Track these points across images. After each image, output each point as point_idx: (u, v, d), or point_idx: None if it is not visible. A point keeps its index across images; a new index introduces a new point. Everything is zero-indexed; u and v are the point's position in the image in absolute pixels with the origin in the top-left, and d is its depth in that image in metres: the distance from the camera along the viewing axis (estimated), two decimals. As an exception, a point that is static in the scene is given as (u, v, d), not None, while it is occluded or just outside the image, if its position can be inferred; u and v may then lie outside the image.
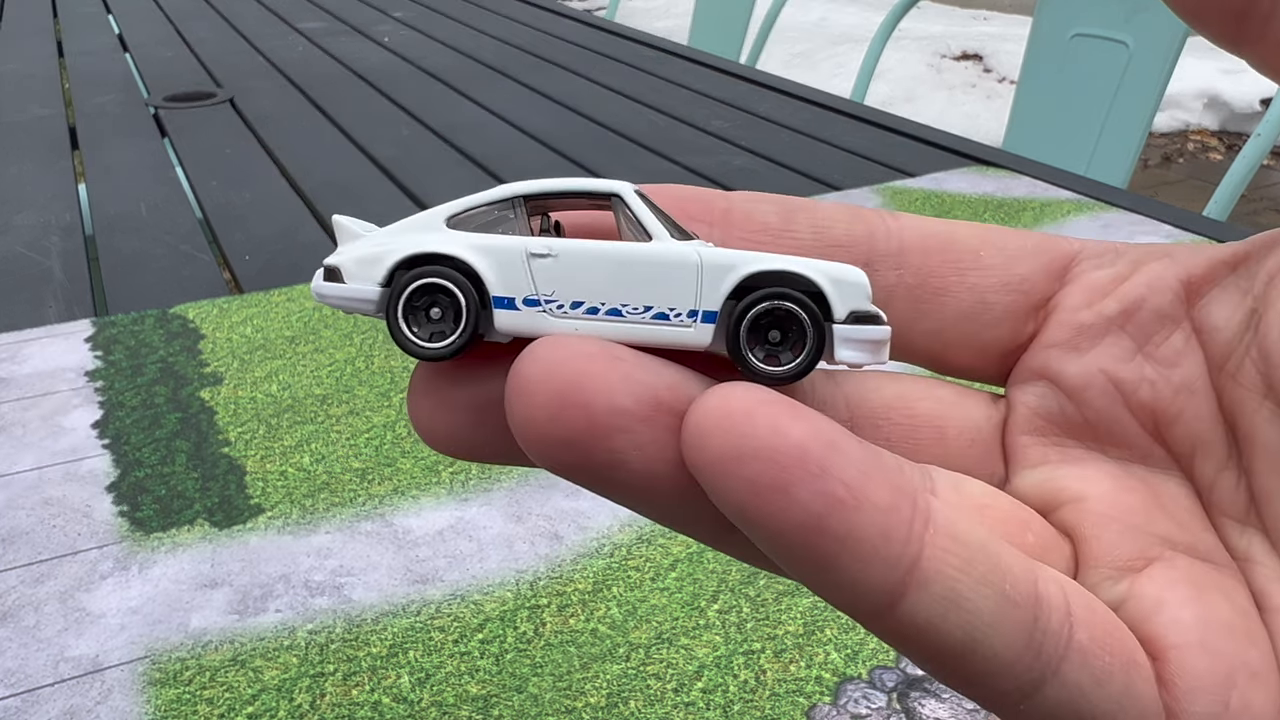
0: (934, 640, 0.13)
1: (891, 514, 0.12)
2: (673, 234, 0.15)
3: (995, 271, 0.17)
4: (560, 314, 0.14)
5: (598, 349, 0.13)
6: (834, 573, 0.12)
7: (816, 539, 0.12)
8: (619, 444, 0.13)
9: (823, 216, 0.17)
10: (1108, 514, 0.15)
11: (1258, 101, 3.14)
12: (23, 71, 1.25)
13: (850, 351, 0.14)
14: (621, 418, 0.13)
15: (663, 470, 0.13)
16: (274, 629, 0.37)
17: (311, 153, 0.94)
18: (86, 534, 0.42)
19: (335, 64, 1.28)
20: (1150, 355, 0.16)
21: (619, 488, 0.14)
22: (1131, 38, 1.19)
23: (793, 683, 0.34)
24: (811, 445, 0.12)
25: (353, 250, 0.15)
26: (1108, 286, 0.17)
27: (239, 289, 0.66)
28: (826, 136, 0.97)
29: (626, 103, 1.10)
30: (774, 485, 0.12)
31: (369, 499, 0.44)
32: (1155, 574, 0.15)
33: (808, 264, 0.14)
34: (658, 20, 4.10)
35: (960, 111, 3.23)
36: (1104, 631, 0.14)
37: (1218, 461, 0.15)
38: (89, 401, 0.51)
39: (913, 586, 0.12)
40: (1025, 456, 0.17)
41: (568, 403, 0.13)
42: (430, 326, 0.14)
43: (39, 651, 0.36)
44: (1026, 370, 0.17)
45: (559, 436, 0.13)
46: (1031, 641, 0.13)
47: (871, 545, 0.12)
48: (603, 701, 0.34)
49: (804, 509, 0.12)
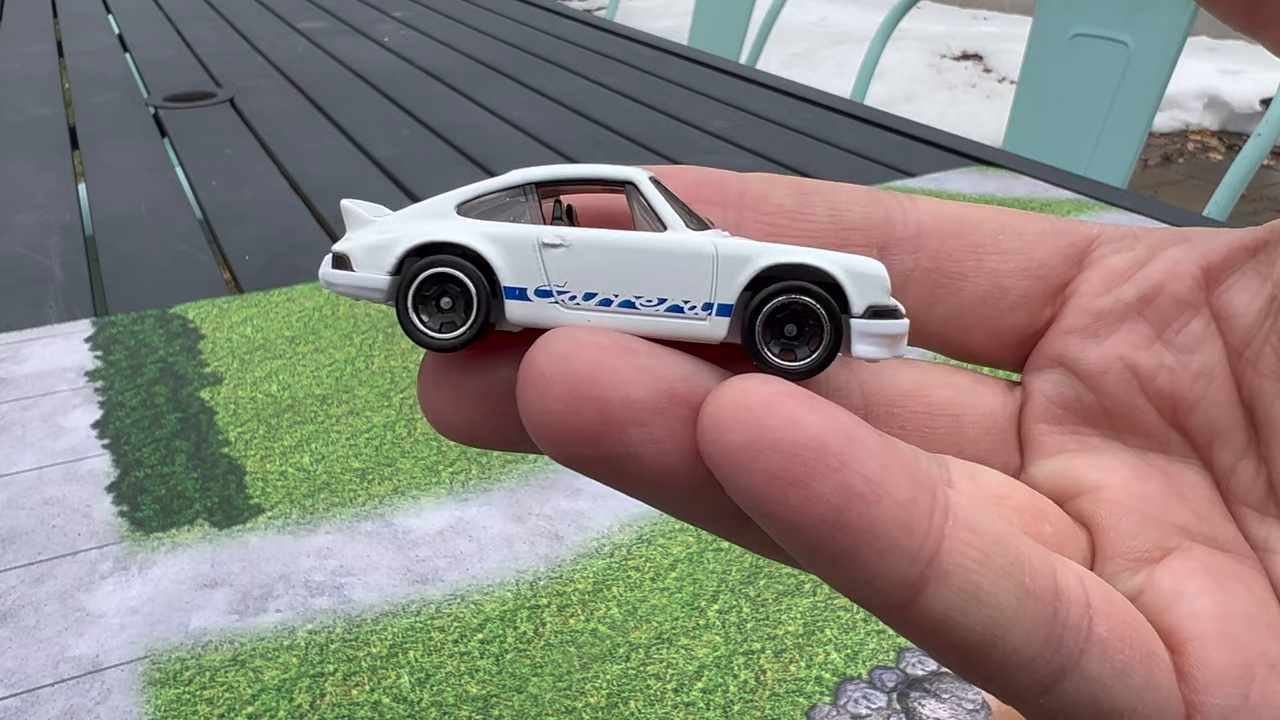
0: (953, 634, 0.13)
1: (911, 507, 0.12)
2: (688, 223, 0.14)
3: (1013, 256, 0.17)
4: (573, 305, 0.14)
5: (611, 341, 0.13)
6: (853, 566, 0.12)
7: (835, 533, 0.12)
8: (633, 436, 0.13)
9: (840, 200, 0.17)
10: (1125, 504, 0.15)
11: (1258, 101, 3.14)
12: (23, 71, 1.25)
13: (868, 346, 0.14)
14: (636, 410, 0.13)
15: (678, 463, 0.13)
16: (274, 629, 0.37)
17: (311, 153, 0.94)
18: (86, 534, 0.42)
19: (335, 64, 1.28)
20: (1169, 342, 0.16)
21: (633, 481, 0.13)
22: (1131, 38, 1.19)
23: (793, 683, 0.34)
24: (830, 438, 0.12)
25: (361, 236, 0.15)
26: (1126, 272, 0.16)
27: (239, 289, 0.66)
28: (826, 136, 0.97)
29: (626, 103, 1.10)
30: (792, 478, 0.12)
31: (369, 499, 0.44)
32: (1173, 565, 0.15)
33: (825, 256, 0.14)
34: (658, 20, 4.10)
35: (960, 111, 3.23)
36: (1123, 624, 0.13)
37: (1236, 449, 0.15)
38: (89, 401, 0.51)
39: (932, 580, 0.12)
40: (1042, 445, 0.16)
41: (581, 395, 0.13)
42: (441, 316, 0.14)
43: (39, 651, 0.36)
44: (1043, 357, 0.17)
45: (572, 429, 0.13)
46: (1051, 635, 0.13)
47: (891, 539, 0.12)
48: (603, 702, 0.34)
49: (823, 502, 0.12)
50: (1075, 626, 0.13)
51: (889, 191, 0.17)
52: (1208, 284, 0.16)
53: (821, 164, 0.89)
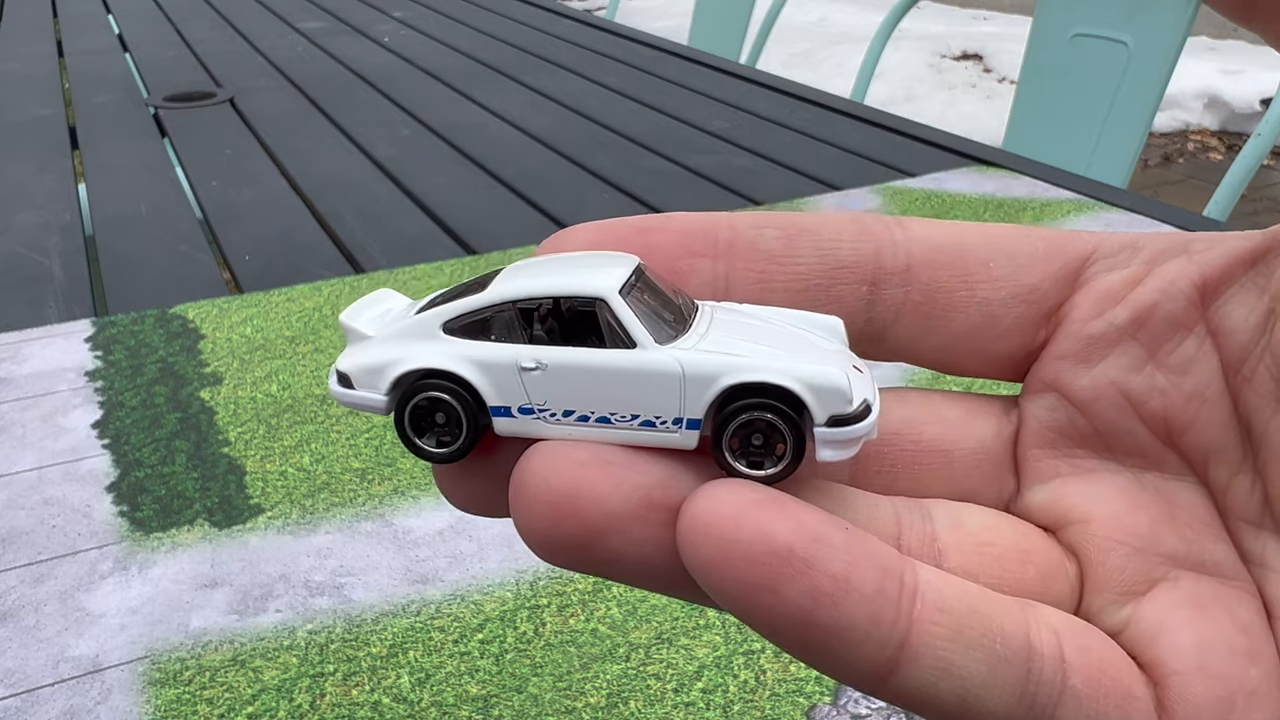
0: (931, 703, 0.13)
1: (878, 598, 0.13)
2: (658, 333, 0.15)
3: (1004, 284, 0.17)
4: (553, 420, 0.15)
5: (589, 455, 0.14)
6: (827, 656, 0.13)
7: (807, 630, 0.13)
8: (615, 544, 0.14)
9: (827, 237, 0.17)
10: (1113, 537, 0.16)
11: (1258, 101, 3.14)
12: (23, 71, 1.25)
13: (831, 451, 0.15)
14: (616, 520, 0.14)
15: (660, 561, 0.14)
16: (274, 629, 0.37)
17: (311, 153, 0.94)
18: (86, 534, 0.42)
19: (335, 64, 1.28)
20: (1161, 364, 0.16)
21: (621, 577, 0.15)
22: (1131, 38, 1.19)
23: (793, 683, 0.34)
24: (796, 543, 0.13)
25: (359, 357, 0.16)
26: (1119, 293, 0.16)
27: (239, 289, 0.66)
28: (826, 136, 0.97)
29: (626, 103, 1.10)
30: (763, 585, 0.13)
31: (369, 499, 0.44)
32: (1158, 597, 0.15)
33: (788, 372, 0.14)
34: (658, 20, 4.10)
35: (960, 111, 3.23)
36: (1099, 672, 0.14)
37: (1232, 466, 0.15)
38: (89, 401, 0.51)
39: (904, 662, 0.13)
40: (1036, 471, 0.17)
41: (564, 512, 0.14)
42: (437, 431, 0.16)
43: (39, 651, 0.36)
44: (1037, 381, 0.17)
45: (560, 543, 0.14)
46: (1025, 694, 0.14)
47: (861, 630, 0.13)
48: (603, 701, 0.34)
49: (794, 604, 0.13)
50: (1049, 682, 0.14)
51: (878, 218, 0.17)
52: (1204, 299, 0.16)
53: (821, 164, 0.89)
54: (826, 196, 0.80)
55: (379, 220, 0.78)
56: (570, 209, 0.80)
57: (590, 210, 0.80)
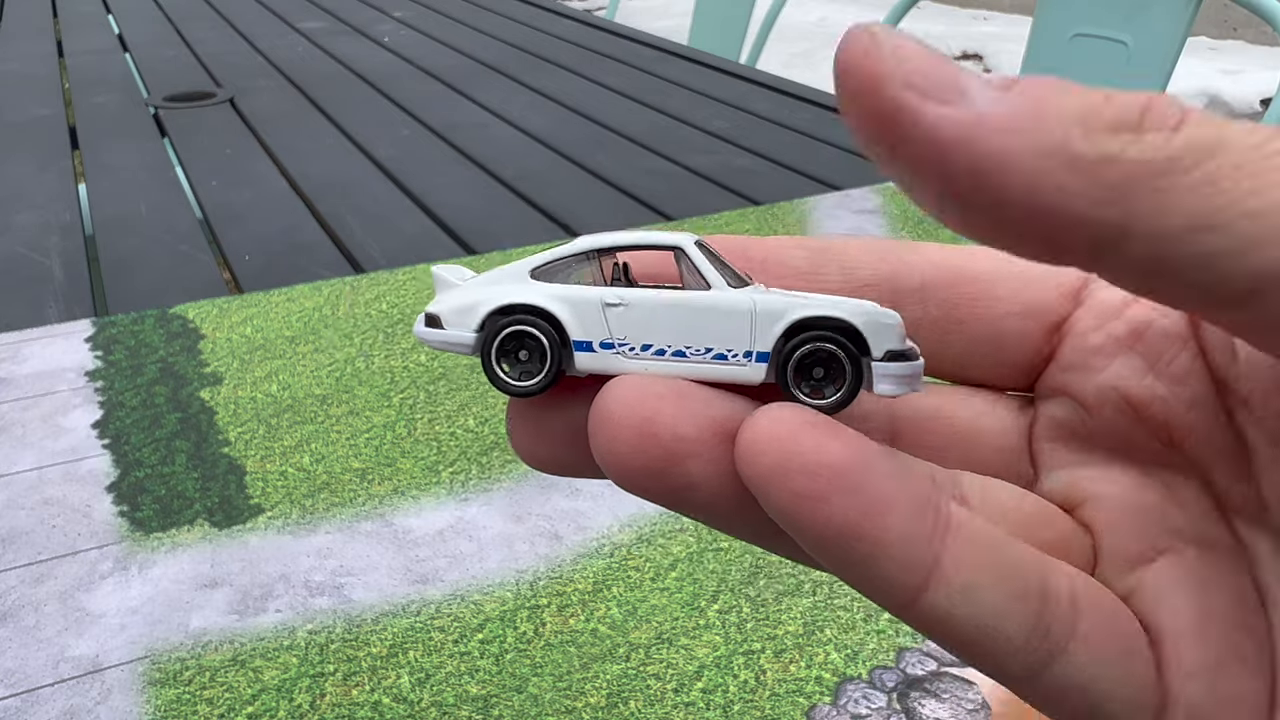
0: (953, 626, 0.15)
1: (916, 521, 0.14)
2: (730, 281, 0.17)
3: (1008, 302, 0.18)
4: (632, 355, 0.16)
5: (666, 388, 0.15)
6: (866, 570, 0.14)
7: (851, 542, 0.14)
8: (690, 468, 0.15)
9: (850, 259, 0.19)
10: (1123, 511, 0.17)
11: (1258, 101, 3.14)
12: (23, 71, 1.25)
13: (887, 385, 0.16)
14: (690, 444, 0.15)
15: (728, 488, 0.15)
16: (274, 629, 0.37)
17: (311, 153, 0.94)
18: (86, 534, 0.42)
19: (335, 64, 1.29)
20: (1161, 373, 0.17)
21: (691, 505, 0.16)
22: (1131, 38, 1.19)
23: (793, 683, 0.34)
24: (848, 461, 0.14)
25: (449, 299, 0.17)
26: (1118, 308, 0.18)
27: (239, 289, 0.66)
28: (826, 136, 0.97)
29: (626, 103, 1.10)
30: (816, 495, 0.14)
31: (369, 499, 0.44)
32: (1162, 566, 0.16)
33: (849, 307, 0.16)
34: (658, 20, 4.10)
35: (960, 111, 3.22)
36: (1107, 620, 0.15)
37: (1230, 471, 0.16)
38: (89, 401, 0.51)
39: (932, 585, 0.14)
40: (1050, 460, 0.18)
41: (644, 435, 0.15)
42: (520, 367, 0.17)
43: (39, 651, 0.36)
44: (1047, 387, 0.18)
45: (639, 465, 0.15)
46: (1038, 628, 0.15)
47: (898, 548, 0.14)
48: (603, 701, 0.34)
49: (841, 516, 0.14)
50: (1062, 621, 0.15)
51: (894, 243, 0.19)
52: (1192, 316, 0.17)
53: (821, 164, 0.89)
54: (826, 196, 0.80)
55: (379, 220, 0.77)
56: (570, 209, 0.80)
57: (590, 210, 0.80)
